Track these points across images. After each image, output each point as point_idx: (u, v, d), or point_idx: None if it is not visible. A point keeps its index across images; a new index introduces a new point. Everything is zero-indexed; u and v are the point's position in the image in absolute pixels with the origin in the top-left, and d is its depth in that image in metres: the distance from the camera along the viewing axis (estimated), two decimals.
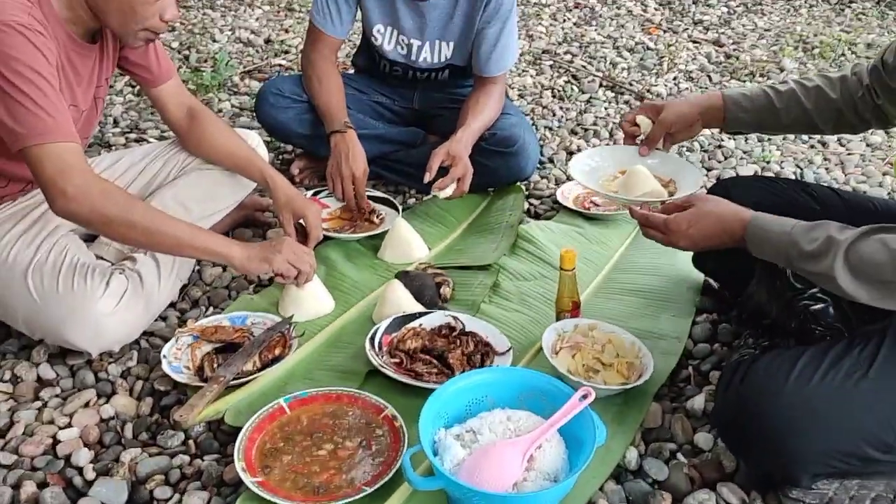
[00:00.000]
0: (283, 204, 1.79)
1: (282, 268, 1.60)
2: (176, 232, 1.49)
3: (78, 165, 1.41)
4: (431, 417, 1.23)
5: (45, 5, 1.45)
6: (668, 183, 1.64)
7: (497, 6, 2.08)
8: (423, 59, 2.20)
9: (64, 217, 1.45)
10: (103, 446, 1.39)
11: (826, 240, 1.16)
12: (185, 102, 1.84)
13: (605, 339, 1.54)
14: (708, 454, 1.36)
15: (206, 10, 4.35)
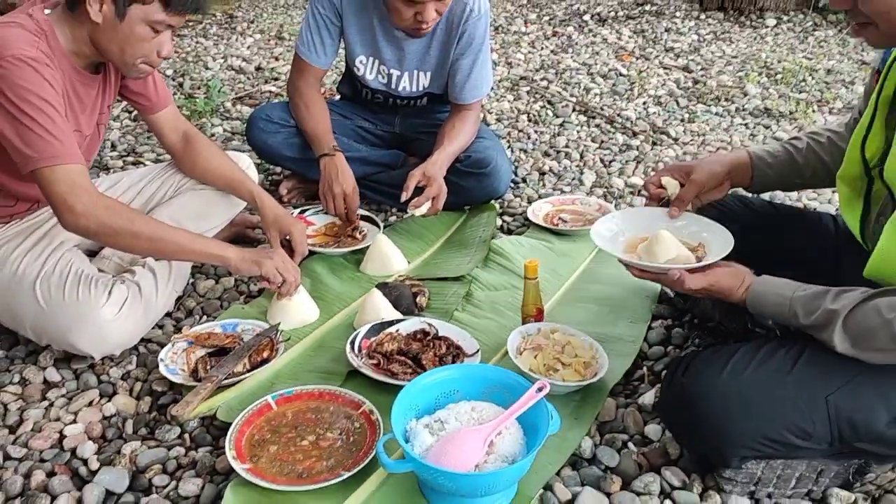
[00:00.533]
0: (271, 222, 1.94)
1: (270, 272, 1.75)
2: (176, 238, 1.65)
3: (85, 185, 1.56)
4: (403, 409, 1.37)
5: (51, 38, 1.59)
6: (696, 248, 1.53)
7: (470, 39, 2.25)
8: (403, 87, 2.36)
9: (73, 231, 1.60)
10: (106, 440, 1.52)
11: (824, 312, 1.20)
12: (180, 127, 1.99)
13: (565, 341, 1.69)
14: (656, 443, 1.50)
15: (200, 38, 4.53)
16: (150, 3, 1.58)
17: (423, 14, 2.03)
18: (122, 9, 1.57)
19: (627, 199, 2.54)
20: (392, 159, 2.47)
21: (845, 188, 1.38)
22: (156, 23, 1.60)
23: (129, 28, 1.59)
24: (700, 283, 1.37)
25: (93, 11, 1.56)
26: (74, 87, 1.67)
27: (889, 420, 1.23)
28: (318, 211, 2.33)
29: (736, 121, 3.24)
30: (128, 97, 1.91)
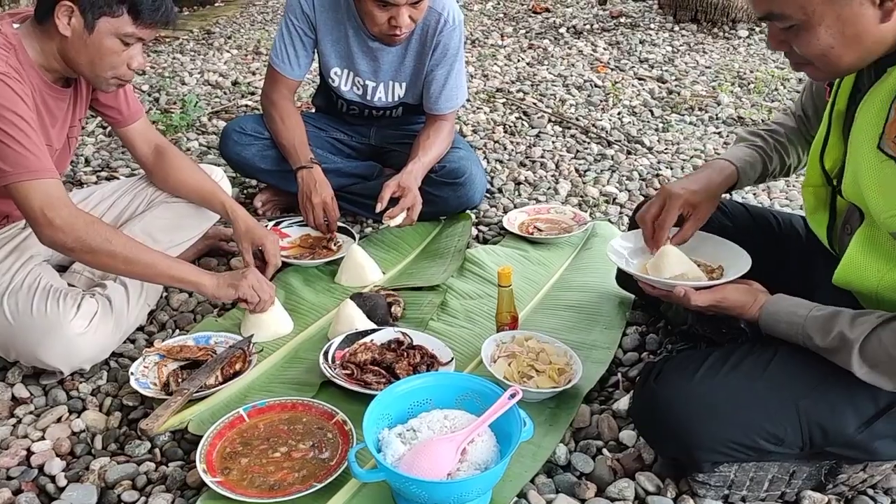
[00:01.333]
0: (243, 233, 1.93)
1: (247, 293, 1.74)
2: (153, 262, 1.63)
3: (63, 199, 1.55)
4: (375, 418, 1.36)
5: (20, 52, 1.58)
6: (715, 269, 1.52)
7: (444, 50, 2.26)
8: (378, 98, 2.36)
9: (50, 246, 1.58)
10: (74, 456, 1.50)
11: (839, 336, 1.18)
12: (152, 140, 1.98)
13: (540, 348, 1.69)
14: (631, 449, 1.50)
15: (176, 54, 4.52)
16: (119, 16, 1.57)
17: (398, 19, 2.04)
18: (91, 21, 1.56)
19: (602, 208, 2.55)
20: (367, 170, 2.47)
21: (810, 197, 1.40)
22: (125, 35, 1.60)
23: (99, 41, 1.58)
24: (707, 300, 1.36)
25: (61, 24, 1.56)
26: (45, 101, 1.65)
27: (858, 425, 1.24)
28: (293, 222, 2.32)
29: (710, 129, 3.28)
30: (99, 110, 1.90)
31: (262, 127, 2.37)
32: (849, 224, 1.28)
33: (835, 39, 1.11)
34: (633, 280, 1.91)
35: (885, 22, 1.08)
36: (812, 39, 1.12)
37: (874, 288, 1.21)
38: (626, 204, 2.58)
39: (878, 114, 1.14)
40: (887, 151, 1.12)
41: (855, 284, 1.24)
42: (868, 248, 1.21)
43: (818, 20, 1.10)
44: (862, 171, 1.17)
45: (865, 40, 1.11)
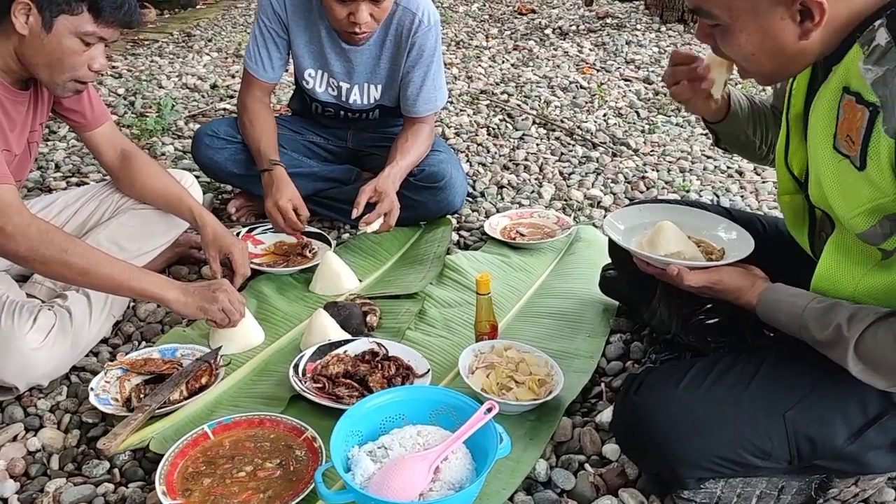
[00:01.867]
0: (210, 241, 1.86)
1: (216, 317, 1.66)
2: (112, 273, 1.55)
3: (15, 205, 1.47)
4: (344, 435, 1.30)
5: None
6: (716, 251, 1.47)
7: (420, 51, 2.20)
8: (354, 100, 2.30)
9: (1, 255, 1.50)
10: (29, 477, 1.42)
11: (836, 330, 1.14)
12: (118, 145, 1.91)
13: (519, 358, 1.62)
14: (614, 463, 1.44)
15: (155, 57, 4.44)
16: (79, 14, 1.51)
17: (356, 15, 1.97)
18: (49, 20, 1.49)
19: (586, 212, 2.50)
20: (344, 174, 2.40)
21: (787, 206, 1.35)
22: (86, 35, 1.53)
23: (58, 40, 1.51)
24: (702, 280, 1.31)
25: (18, 23, 1.49)
26: (2, 105, 1.58)
27: (847, 436, 1.19)
28: (266, 229, 2.25)
29: (696, 131, 3.23)
30: (62, 114, 1.82)
31: (236, 130, 2.30)
32: (823, 231, 1.24)
33: (755, 48, 1.11)
34: (617, 285, 1.87)
35: (803, 40, 1.07)
36: (735, 43, 1.12)
37: (850, 295, 1.17)
38: (610, 207, 2.53)
39: (828, 114, 1.10)
40: (842, 151, 1.07)
41: (831, 293, 1.19)
42: (840, 256, 1.17)
43: (741, 26, 1.10)
44: (823, 174, 1.13)
45: (785, 53, 1.10)
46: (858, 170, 1.04)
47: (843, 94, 1.07)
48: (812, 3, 1.03)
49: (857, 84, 1.04)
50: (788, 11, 1.05)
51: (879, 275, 1.14)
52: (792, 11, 1.05)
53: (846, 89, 1.07)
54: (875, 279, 1.15)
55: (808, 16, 1.04)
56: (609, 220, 1.54)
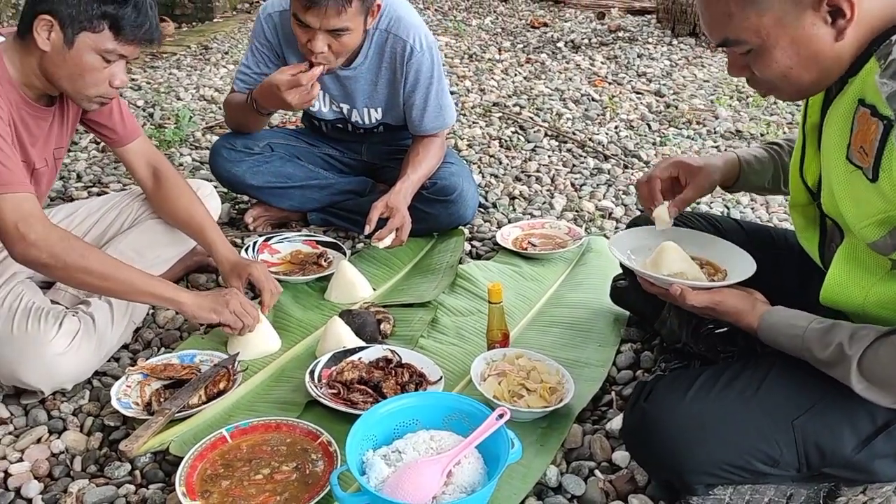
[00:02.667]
0: (229, 272, 1.88)
1: (228, 320, 1.70)
2: (130, 279, 1.59)
3: (37, 213, 1.52)
4: (359, 439, 1.33)
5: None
6: (719, 271, 1.49)
7: (416, 77, 2.20)
8: (356, 120, 2.34)
9: (23, 262, 1.54)
10: (52, 479, 1.46)
11: (838, 350, 1.15)
12: (151, 162, 1.94)
13: (531, 366, 1.65)
14: (624, 470, 1.46)
15: (173, 69, 4.51)
16: (100, 32, 1.54)
17: (313, 43, 1.96)
18: (70, 37, 1.53)
19: (598, 223, 2.52)
20: (359, 186, 2.45)
21: (798, 217, 1.38)
22: (106, 52, 1.56)
23: (79, 57, 1.55)
24: (704, 300, 1.33)
25: (41, 39, 1.53)
26: (22, 118, 1.62)
27: (856, 444, 1.20)
28: (283, 238, 2.29)
29: (707, 143, 3.25)
30: (92, 129, 1.87)
31: (253, 142, 2.34)
32: (833, 242, 1.26)
33: (792, 61, 1.11)
34: (627, 296, 1.90)
35: (839, 40, 1.08)
36: (770, 62, 1.13)
37: (860, 304, 1.19)
38: (621, 219, 2.55)
39: (843, 125, 1.13)
40: (855, 162, 1.10)
41: (841, 303, 1.21)
42: (850, 265, 1.19)
43: (773, 42, 1.10)
44: (835, 184, 1.15)
45: (823, 59, 1.11)
46: (871, 181, 1.07)
47: (858, 106, 1.10)
48: (840, 1, 1.04)
49: (872, 97, 1.06)
50: (818, 15, 1.06)
51: (889, 284, 1.16)
52: (822, 14, 1.06)
53: (861, 101, 1.09)
54: (885, 288, 1.17)
55: (838, 14, 1.05)
56: (614, 240, 1.58)
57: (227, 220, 2.51)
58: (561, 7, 6.45)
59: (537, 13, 6.21)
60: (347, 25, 1.94)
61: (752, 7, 1.09)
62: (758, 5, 1.09)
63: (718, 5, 1.13)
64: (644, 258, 1.51)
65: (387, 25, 2.14)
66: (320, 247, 2.26)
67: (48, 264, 1.53)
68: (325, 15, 1.90)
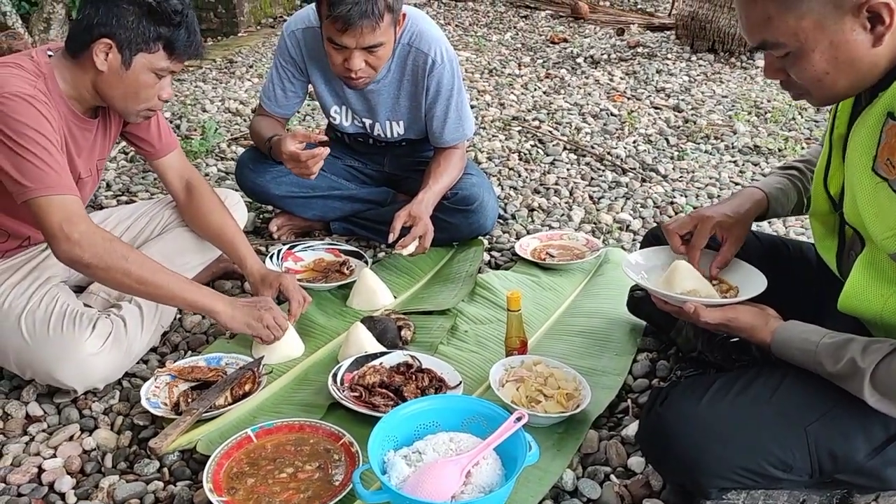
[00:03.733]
0: (260, 282, 1.93)
1: (262, 333, 1.76)
2: (168, 284, 1.64)
3: (81, 214, 1.58)
4: (381, 440, 1.37)
5: (49, 81, 1.63)
6: (731, 288, 1.52)
7: (437, 89, 2.26)
8: (378, 134, 2.40)
9: (66, 261, 1.58)
10: (84, 474, 1.51)
11: (850, 364, 1.17)
12: (184, 176, 2.01)
13: (548, 373, 1.68)
14: (639, 475, 1.49)
15: (199, 82, 4.61)
16: (155, 52, 1.63)
17: (350, 62, 2.02)
18: (128, 58, 1.62)
19: (615, 235, 2.56)
20: (381, 196, 2.50)
21: (818, 225, 1.40)
22: (160, 70, 1.66)
23: (135, 76, 1.64)
24: (717, 317, 1.36)
25: (98, 60, 1.61)
26: (71, 130, 1.69)
27: (868, 451, 1.22)
28: (307, 247, 2.34)
29: (725, 158, 3.28)
30: (131, 141, 1.94)
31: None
32: (853, 250, 1.28)
33: (829, 65, 1.13)
34: (643, 305, 1.92)
35: (877, 46, 1.09)
36: (807, 66, 1.14)
37: (878, 313, 1.21)
38: (639, 231, 2.58)
39: (870, 137, 1.15)
40: (881, 174, 1.12)
41: (859, 310, 1.24)
42: (870, 273, 1.21)
43: (812, 46, 1.12)
44: (858, 194, 1.17)
45: (859, 65, 1.12)
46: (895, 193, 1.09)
47: (886, 119, 1.12)
48: (879, 6, 1.05)
49: None
50: (857, 20, 1.08)
51: None
52: (861, 20, 1.07)
53: (890, 114, 1.11)
54: None
55: (878, 20, 1.07)
56: (628, 259, 1.61)
57: (252, 229, 2.57)
58: (581, 23, 6.51)
59: (557, 29, 6.27)
60: (381, 40, 2.01)
61: (792, 10, 1.10)
62: (797, 9, 1.10)
63: (757, 8, 1.14)
64: (657, 276, 1.55)
65: (409, 39, 2.20)
66: (343, 255, 2.31)
67: (91, 264, 1.57)
68: (361, 34, 1.96)
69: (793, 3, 1.10)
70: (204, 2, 6.28)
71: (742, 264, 1.57)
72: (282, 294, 1.92)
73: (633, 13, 6.91)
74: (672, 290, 1.46)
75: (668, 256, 1.59)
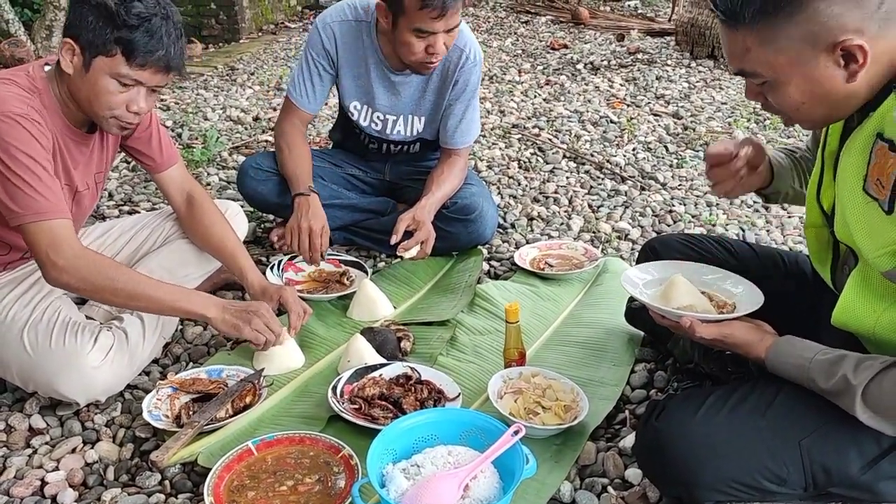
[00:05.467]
0: (260, 294, 1.94)
1: (250, 336, 1.76)
2: (158, 296, 1.66)
3: (68, 239, 1.59)
4: (379, 453, 1.38)
5: (45, 96, 1.64)
6: (727, 304, 1.53)
7: (464, 85, 2.32)
8: (397, 132, 2.42)
9: (56, 286, 1.63)
10: (87, 487, 1.53)
11: (842, 380, 1.19)
12: (185, 189, 2.02)
13: (546, 384, 1.70)
14: (636, 487, 1.50)
15: (200, 90, 4.63)
16: (113, 56, 1.58)
17: (434, 46, 2.09)
18: (87, 60, 1.60)
19: (614, 244, 2.57)
20: (381, 206, 2.52)
21: (813, 239, 1.41)
22: (121, 76, 1.60)
23: (94, 79, 1.60)
24: (713, 333, 1.38)
25: (65, 62, 1.61)
26: (66, 144, 1.70)
27: (862, 465, 1.24)
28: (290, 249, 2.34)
29: None
30: (132, 154, 1.95)
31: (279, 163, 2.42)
32: (847, 265, 1.30)
33: (805, 97, 1.17)
34: (641, 316, 1.94)
35: (850, 82, 1.12)
36: (784, 96, 1.18)
37: (871, 328, 1.22)
38: (637, 240, 2.60)
39: (860, 157, 1.17)
40: (871, 193, 1.14)
41: (852, 325, 1.25)
42: (862, 289, 1.22)
43: (787, 79, 1.16)
44: (849, 213, 1.19)
45: (835, 98, 1.15)
46: (886, 213, 1.11)
47: (876, 140, 1.14)
48: (853, 48, 1.08)
49: (890, 132, 1.11)
50: (831, 58, 1.11)
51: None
52: (835, 57, 1.10)
53: (880, 135, 1.13)
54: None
55: (851, 59, 1.10)
56: (626, 275, 1.63)
57: (252, 239, 2.59)
58: (581, 29, 6.53)
59: (557, 35, 6.29)
60: (458, 19, 2.09)
61: (769, 46, 1.14)
62: (774, 45, 1.14)
63: (738, 39, 1.18)
64: (654, 291, 1.57)
65: None
66: (343, 265, 2.33)
67: (78, 287, 1.62)
68: (451, 16, 2.03)
69: (770, 39, 1.14)
70: (206, 9, 6.32)
71: (739, 279, 1.59)
72: (282, 306, 1.93)
73: (633, 18, 6.93)
74: (669, 304, 1.48)
75: (667, 271, 1.61)
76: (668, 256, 1.73)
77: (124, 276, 1.64)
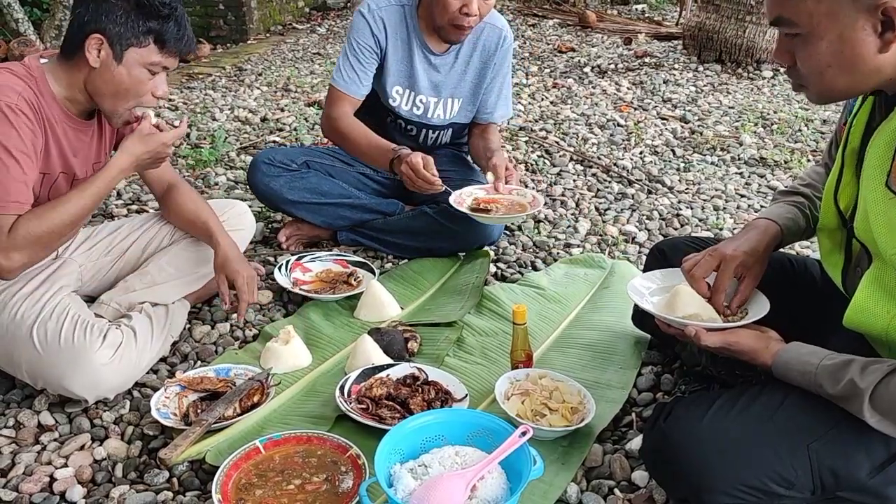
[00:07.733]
0: (219, 266, 1.95)
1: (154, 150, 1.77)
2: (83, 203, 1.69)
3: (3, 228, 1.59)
4: (387, 453, 1.39)
5: (41, 83, 1.66)
6: (735, 312, 1.52)
7: (503, 62, 2.47)
8: (437, 115, 2.49)
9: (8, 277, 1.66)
10: (95, 484, 1.53)
11: (850, 385, 1.19)
12: (165, 179, 2.05)
13: (553, 386, 1.70)
14: (642, 489, 1.50)
15: (209, 90, 4.65)
16: (146, 46, 1.65)
17: (470, 6, 2.15)
18: (119, 53, 1.64)
19: (621, 247, 2.57)
20: (390, 208, 2.52)
21: (825, 240, 1.41)
22: (152, 65, 1.68)
23: (127, 71, 1.66)
24: (718, 341, 1.38)
25: (91, 57, 1.63)
26: (65, 132, 1.72)
27: (870, 469, 1.23)
28: (315, 257, 2.37)
29: (731, 170, 3.29)
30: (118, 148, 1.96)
31: (290, 159, 2.43)
32: (860, 266, 1.29)
33: (833, 58, 1.15)
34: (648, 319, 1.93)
35: (883, 52, 1.12)
36: (813, 53, 1.17)
37: (884, 329, 1.22)
38: (644, 243, 2.60)
39: (885, 152, 1.17)
40: (894, 189, 1.14)
41: (864, 326, 1.25)
42: (876, 290, 1.22)
43: (822, 33, 1.14)
44: (871, 209, 1.19)
45: (862, 66, 1.14)
46: None
47: None
48: (894, 12, 1.08)
49: None
50: (870, 21, 1.10)
51: None
52: (874, 21, 1.10)
53: None
54: None
55: (889, 27, 1.09)
56: (631, 284, 1.63)
57: (260, 239, 2.59)
58: (588, 32, 6.54)
59: (565, 38, 6.30)
60: None
61: None
62: None
63: None
64: (660, 299, 1.57)
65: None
66: (350, 266, 2.33)
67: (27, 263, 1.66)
68: None
69: None
70: (214, 9, 6.34)
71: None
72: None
73: (640, 22, 6.93)
74: (674, 313, 1.48)
75: (672, 279, 1.61)
76: (676, 260, 1.72)
77: (46, 218, 1.64)
